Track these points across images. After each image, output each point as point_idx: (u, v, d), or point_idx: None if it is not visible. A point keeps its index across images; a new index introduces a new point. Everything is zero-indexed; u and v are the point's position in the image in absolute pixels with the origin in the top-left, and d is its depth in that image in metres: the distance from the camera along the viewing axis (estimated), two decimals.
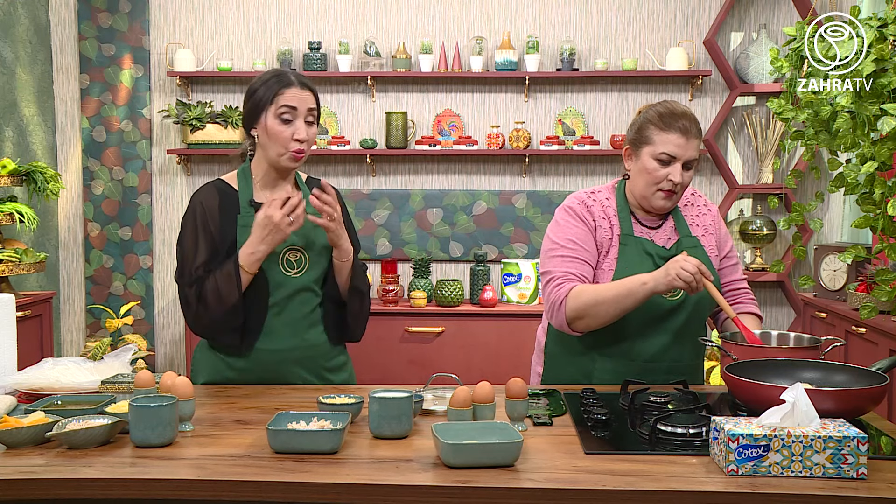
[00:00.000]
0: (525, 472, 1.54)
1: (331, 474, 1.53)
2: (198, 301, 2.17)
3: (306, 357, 2.26)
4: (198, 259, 2.19)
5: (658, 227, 2.31)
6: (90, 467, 1.58)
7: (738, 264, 2.41)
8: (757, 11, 4.72)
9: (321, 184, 2.21)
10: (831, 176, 4.35)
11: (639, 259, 2.23)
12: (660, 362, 2.23)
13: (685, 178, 2.20)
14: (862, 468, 1.50)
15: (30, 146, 4.58)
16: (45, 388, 2.05)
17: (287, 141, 2.18)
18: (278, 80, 2.19)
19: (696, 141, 2.20)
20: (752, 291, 2.43)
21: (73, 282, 4.96)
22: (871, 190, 2.64)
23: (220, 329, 2.20)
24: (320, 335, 2.28)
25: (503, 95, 4.81)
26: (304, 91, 2.20)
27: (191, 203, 2.25)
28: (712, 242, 2.34)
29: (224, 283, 2.14)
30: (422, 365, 4.38)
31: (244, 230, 2.20)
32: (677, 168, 2.19)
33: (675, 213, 2.33)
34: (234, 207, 2.23)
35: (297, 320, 2.23)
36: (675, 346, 2.24)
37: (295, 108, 2.18)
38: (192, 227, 2.22)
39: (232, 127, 4.69)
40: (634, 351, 2.24)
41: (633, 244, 2.25)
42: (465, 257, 4.83)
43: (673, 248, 2.26)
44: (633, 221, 2.29)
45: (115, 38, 4.82)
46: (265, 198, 2.25)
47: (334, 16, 4.82)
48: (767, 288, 4.84)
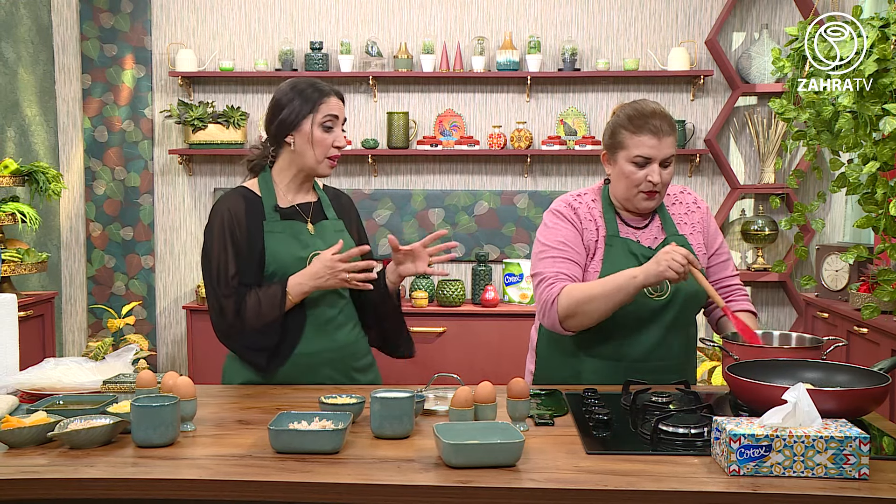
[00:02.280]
0: (526, 473, 1.54)
1: (332, 474, 1.53)
2: (235, 314, 2.19)
3: (337, 358, 2.28)
4: (230, 268, 2.21)
5: (644, 226, 2.31)
6: (92, 467, 1.58)
7: (728, 261, 2.39)
8: (759, 11, 4.72)
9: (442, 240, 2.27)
10: (833, 176, 4.34)
11: (624, 260, 2.23)
12: (646, 362, 2.23)
13: (664, 177, 2.20)
14: (864, 468, 1.50)
15: (32, 146, 4.58)
16: (47, 388, 2.05)
17: (328, 148, 2.25)
18: (318, 89, 2.25)
19: (669, 138, 2.20)
20: (744, 288, 2.41)
21: (75, 282, 4.96)
22: (873, 190, 2.64)
23: (251, 345, 2.21)
24: (348, 335, 2.30)
25: (505, 95, 4.81)
26: (339, 100, 2.29)
27: (216, 211, 2.26)
28: (700, 241, 2.32)
29: (267, 304, 2.17)
30: (423, 365, 4.37)
31: (271, 236, 2.23)
32: (654, 168, 2.19)
33: (662, 211, 2.32)
34: (260, 214, 2.25)
35: (324, 322, 2.26)
36: (662, 347, 2.24)
37: (336, 116, 2.26)
38: (220, 235, 2.22)
39: (234, 127, 4.69)
40: (621, 352, 2.24)
41: (619, 245, 2.25)
42: (467, 257, 4.83)
43: (659, 247, 2.25)
44: (618, 222, 2.29)
45: (116, 38, 4.82)
46: (287, 202, 2.29)
47: (336, 16, 4.82)
48: (769, 288, 4.84)
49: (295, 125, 2.23)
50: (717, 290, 2.35)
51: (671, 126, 2.21)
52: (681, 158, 4.78)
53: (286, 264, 2.21)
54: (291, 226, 2.26)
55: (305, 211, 2.31)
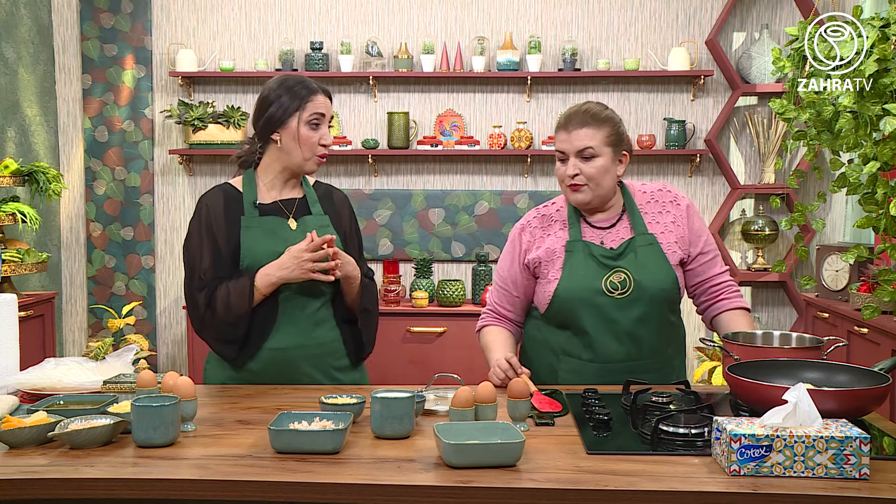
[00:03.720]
0: (527, 473, 1.54)
1: (333, 474, 1.53)
2: (206, 306, 2.21)
3: (315, 355, 2.27)
4: (204, 262, 2.24)
5: (611, 227, 2.32)
6: (92, 467, 1.58)
7: (716, 258, 2.37)
8: (759, 11, 4.72)
9: (327, 239, 2.20)
10: (833, 176, 4.34)
11: (583, 264, 2.26)
12: (616, 363, 2.25)
13: (586, 170, 2.23)
14: (864, 468, 1.50)
15: (32, 146, 4.58)
16: (48, 388, 2.05)
17: (314, 146, 2.25)
18: (306, 87, 2.25)
19: (581, 130, 2.23)
20: (735, 284, 2.41)
21: (76, 282, 4.96)
22: (874, 190, 2.64)
23: (220, 337, 2.24)
24: (327, 333, 2.29)
25: (505, 95, 4.81)
26: (326, 98, 2.29)
27: (197, 206, 2.30)
28: (672, 239, 2.31)
29: (236, 296, 2.19)
30: (423, 365, 4.38)
31: (247, 231, 2.24)
32: (571, 162, 2.24)
33: (632, 210, 2.32)
34: (239, 209, 2.27)
35: (300, 318, 2.25)
36: (631, 345, 2.25)
37: (323, 114, 2.26)
38: (198, 230, 2.27)
39: (234, 127, 4.69)
40: (591, 353, 2.26)
41: (579, 250, 2.28)
42: (467, 257, 4.83)
43: (621, 247, 2.27)
44: (583, 226, 2.32)
45: (117, 38, 4.82)
46: (271, 198, 2.29)
47: (336, 16, 4.82)
48: (769, 288, 4.84)
49: (282, 122, 2.24)
50: (707, 290, 2.37)
51: (589, 119, 2.24)
52: (681, 158, 4.78)
53: (261, 259, 2.22)
54: (270, 221, 2.26)
55: (289, 207, 2.31)
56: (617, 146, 2.26)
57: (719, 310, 2.36)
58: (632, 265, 2.24)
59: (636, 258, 2.25)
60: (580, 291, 2.24)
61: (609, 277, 2.24)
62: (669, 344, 2.32)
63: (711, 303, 2.38)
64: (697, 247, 2.34)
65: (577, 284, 2.24)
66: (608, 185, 2.27)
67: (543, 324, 2.35)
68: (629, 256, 2.25)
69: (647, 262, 2.25)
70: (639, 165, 4.80)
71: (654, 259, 2.26)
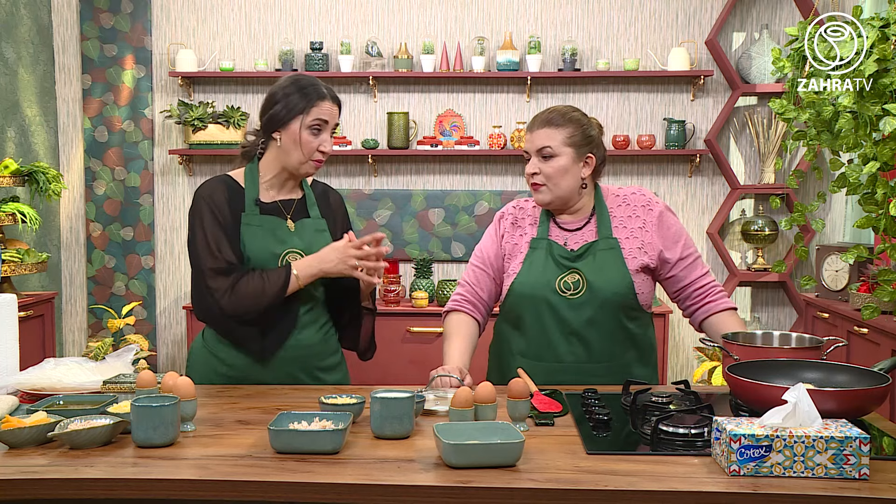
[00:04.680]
0: (527, 473, 1.54)
1: (332, 474, 1.54)
2: (229, 290, 2.17)
3: (298, 356, 2.28)
4: (222, 248, 2.20)
5: (579, 228, 2.33)
6: (92, 467, 1.58)
7: (697, 261, 2.35)
8: (759, 11, 4.72)
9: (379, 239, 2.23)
10: (833, 176, 4.34)
11: (542, 262, 2.29)
12: (565, 363, 2.27)
13: (544, 169, 2.26)
14: (864, 469, 1.50)
15: (32, 146, 4.58)
16: (47, 389, 2.05)
17: (312, 151, 2.24)
18: (316, 90, 2.23)
19: (540, 131, 2.27)
20: (720, 285, 2.40)
21: (75, 282, 4.96)
22: (874, 190, 2.64)
23: (241, 323, 2.20)
24: (312, 336, 2.30)
25: (505, 96, 4.81)
26: (334, 106, 2.26)
27: (198, 196, 2.25)
28: (635, 245, 2.29)
29: (272, 283, 2.17)
30: (423, 365, 4.37)
31: (247, 228, 2.23)
32: (532, 162, 2.28)
33: (601, 212, 2.33)
34: (240, 204, 2.26)
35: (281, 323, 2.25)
36: (578, 348, 2.26)
37: (327, 121, 2.24)
38: (204, 219, 2.22)
39: (234, 127, 4.69)
40: (543, 353, 2.28)
41: (542, 248, 2.31)
42: (467, 258, 4.81)
43: (581, 248, 2.28)
44: (551, 225, 2.34)
45: (116, 38, 4.82)
46: (270, 198, 2.29)
47: (336, 16, 4.82)
48: (769, 288, 4.84)
49: (284, 123, 2.23)
50: (692, 294, 2.36)
51: (551, 119, 2.27)
52: (680, 158, 4.78)
53: (259, 259, 2.22)
54: (270, 221, 2.26)
55: (287, 207, 2.30)
56: (580, 147, 2.26)
57: (707, 313, 2.34)
58: (588, 267, 2.26)
59: (594, 261, 2.26)
60: (535, 287, 2.27)
61: (564, 277, 2.26)
62: (627, 350, 2.31)
63: (698, 306, 2.36)
64: (676, 252, 2.32)
65: (533, 280, 2.28)
66: (567, 186, 2.27)
67: (502, 321, 2.41)
68: (587, 259, 2.27)
69: (604, 266, 2.26)
70: (639, 165, 4.80)
71: (611, 263, 2.26)
